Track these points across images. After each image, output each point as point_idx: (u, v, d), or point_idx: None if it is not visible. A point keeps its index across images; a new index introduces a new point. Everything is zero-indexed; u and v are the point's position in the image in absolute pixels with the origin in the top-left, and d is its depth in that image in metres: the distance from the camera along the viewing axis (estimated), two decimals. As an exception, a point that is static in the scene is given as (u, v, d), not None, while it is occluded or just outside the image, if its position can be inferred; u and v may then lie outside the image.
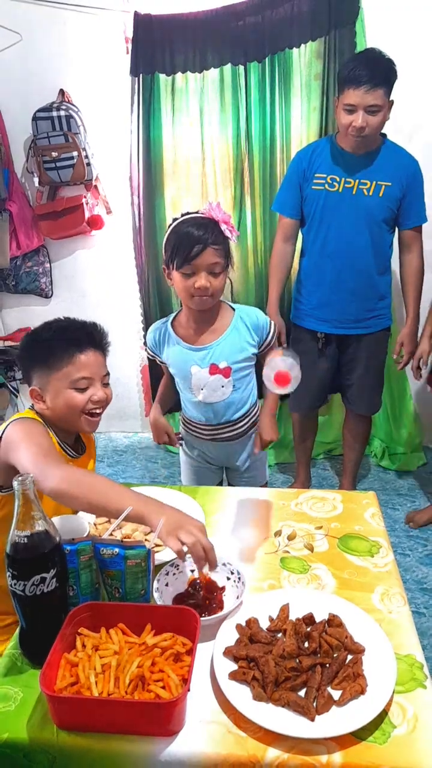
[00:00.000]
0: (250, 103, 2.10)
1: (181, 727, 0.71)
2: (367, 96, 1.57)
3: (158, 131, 2.20)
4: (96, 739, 0.70)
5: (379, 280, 1.83)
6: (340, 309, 1.83)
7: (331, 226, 1.76)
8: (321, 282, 1.83)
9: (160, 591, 0.89)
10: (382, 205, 1.72)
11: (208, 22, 2.03)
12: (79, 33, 2.19)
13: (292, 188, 1.81)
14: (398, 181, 1.70)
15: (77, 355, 1.04)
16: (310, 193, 1.77)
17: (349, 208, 1.73)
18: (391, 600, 0.89)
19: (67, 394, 1.04)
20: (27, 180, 2.39)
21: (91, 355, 1.06)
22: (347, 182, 1.72)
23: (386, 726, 0.70)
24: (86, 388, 1.05)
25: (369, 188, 1.71)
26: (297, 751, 0.68)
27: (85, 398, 1.05)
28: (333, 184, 1.73)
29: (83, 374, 1.05)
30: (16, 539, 0.75)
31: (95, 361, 1.07)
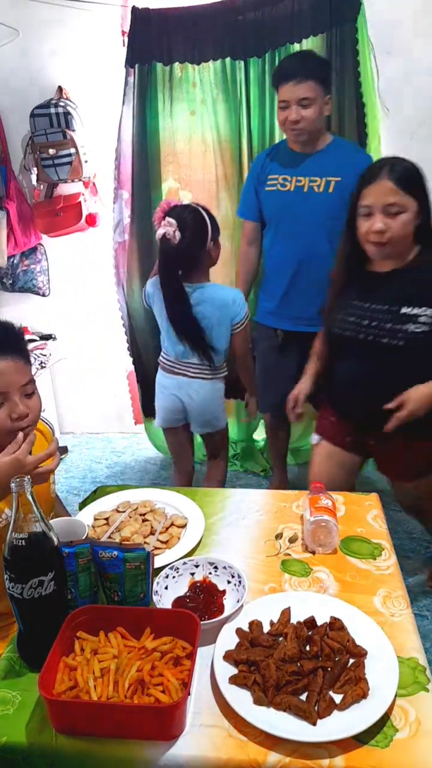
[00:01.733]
0: (250, 96, 2.09)
1: (181, 731, 0.70)
2: (297, 89, 1.61)
3: (154, 122, 2.17)
4: (95, 743, 0.70)
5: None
6: (299, 306, 1.84)
7: (287, 226, 1.79)
8: (280, 280, 1.85)
9: (160, 594, 0.88)
10: (334, 200, 1.71)
11: (206, 17, 2.01)
12: (77, 29, 2.18)
13: (249, 192, 1.86)
14: (347, 175, 1.66)
15: None
16: (265, 194, 1.80)
17: (302, 206, 1.75)
18: (394, 603, 0.89)
19: None
20: (24, 177, 2.38)
21: (2, 366, 0.91)
22: (298, 181, 1.75)
23: (388, 730, 0.70)
24: (1, 404, 0.92)
25: (319, 185, 1.73)
26: (298, 755, 0.67)
27: (2, 417, 0.92)
28: (285, 184, 1.76)
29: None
30: (14, 542, 0.74)
31: (8, 371, 0.92)
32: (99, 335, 2.65)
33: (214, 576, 0.93)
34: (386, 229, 1.24)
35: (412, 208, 1.25)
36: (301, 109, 1.63)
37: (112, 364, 2.68)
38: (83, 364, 2.69)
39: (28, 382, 0.96)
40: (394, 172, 1.24)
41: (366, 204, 1.26)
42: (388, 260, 1.31)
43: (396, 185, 1.23)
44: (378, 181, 1.24)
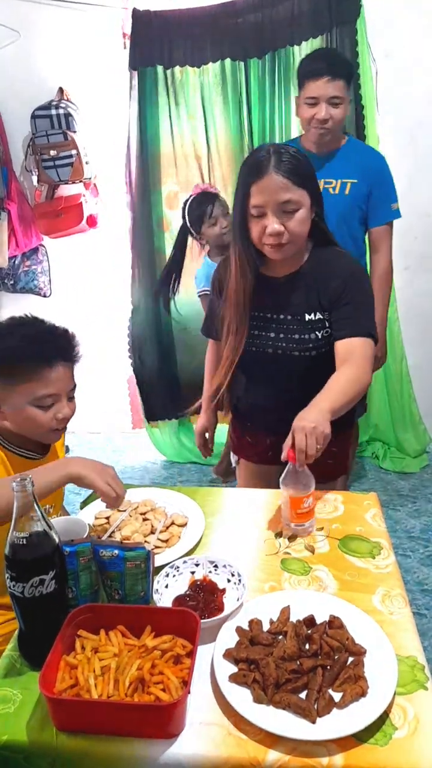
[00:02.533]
0: (250, 99, 2.10)
1: (181, 729, 0.71)
2: (329, 87, 1.56)
3: (155, 124, 2.18)
4: (96, 741, 0.70)
5: None
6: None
7: None
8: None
9: (160, 593, 0.88)
10: (350, 203, 1.68)
11: (206, 19, 2.03)
12: (78, 31, 2.18)
13: None
14: (364, 177, 1.66)
15: (45, 371, 0.95)
16: None
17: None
18: (393, 601, 0.89)
19: (30, 411, 0.96)
20: (26, 179, 2.39)
21: (60, 371, 0.98)
22: None
23: (387, 728, 0.70)
24: (51, 405, 0.98)
25: (335, 187, 1.68)
26: (298, 753, 0.67)
27: (50, 416, 0.98)
28: None
29: (49, 391, 0.96)
30: (15, 540, 0.74)
31: (64, 377, 0.99)
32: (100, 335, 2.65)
33: (214, 574, 0.93)
34: (283, 231, 1.07)
35: (306, 203, 1.08)
36: (330, 108, 1.58)
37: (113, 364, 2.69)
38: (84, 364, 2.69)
39: (73, 387, 1.03)
40: (283, 164, 1.05)
41: (257, 204, 1.07)
42: (284, 264, 1.15)
43: (287, 179, 1.04)
44: (266, 176, 1.04)
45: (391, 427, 2.44)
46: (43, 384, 0.96)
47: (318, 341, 1.18)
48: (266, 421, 1.33)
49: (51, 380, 0.96)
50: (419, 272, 2.31)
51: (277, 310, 1.19)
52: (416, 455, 2.44)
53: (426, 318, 2.37)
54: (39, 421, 0.98)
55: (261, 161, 1.06)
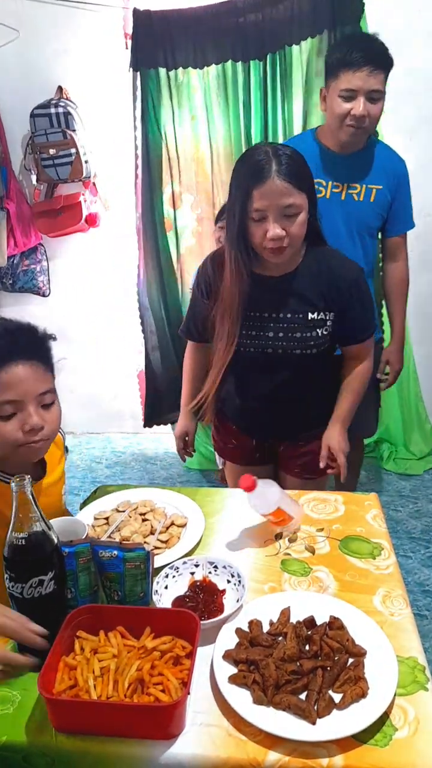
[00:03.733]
0: (251, 99, 2.09)
1: (180, 730, 0.70)
2: (370, 79, 1.36)
3: (158, 126, 2.19)
4: (95, 742, 0.70)
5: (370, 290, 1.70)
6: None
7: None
8: None
9: (160, 594, 0.88)
10: (373, 211, 1.55)
11: (207, 19, 2.02)
12: (77, 29, 2.18)
13: None
14: (388, 183, 1.54)
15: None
16: None
17: (338, 215, 1.53)
18: (393, 602, 0.89)
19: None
20: (25, 178, 2.38)
21: (19, 371, 0.82)
22: (335, 186, 1.52)
23: (387, 729, 0.70)
24: (13, 414, 0.83)
25: (359, 193, 1.52)
26: (298, 754, 0.67)
27: (14, 428, 0.83)
28: (319, 189, 1.52)
29: (6, 398, 0.82)
30: (14, 541, 0.74)
31: (26, 378, 0.83)
32: (100, 335, 2.65)
33: (213, 575, 0.93)
34: (284, 235, 1.07)
35: (305, 206, 1.09)
36: (369, 104, 1.39)
37: (113, 364, 2.69)
38: (84, 364, 2.69)
39: (47, 391, 0.86)
40: (284, 167, 1.04)
41: (258, 208, 1.06)
42: (281, 264, 1.15)
43: (289, 183, 1.04)
44: (268, 181, 1.04)
45: (400, 427, 2.43)
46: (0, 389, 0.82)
47: (319, 339, 1.19)
48: (254, 423, 1.34)
49: (6, 385, 0.82)
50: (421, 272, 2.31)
51: (275, 309, 1.18)
52: (422, 456, 2.44)
53: (428, 317, 2.37)
54: (6, 436, 0.83)
55: (262, 164, 1.04)
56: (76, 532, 0.90)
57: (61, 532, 0.81)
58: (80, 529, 0.92)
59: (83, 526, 0.93)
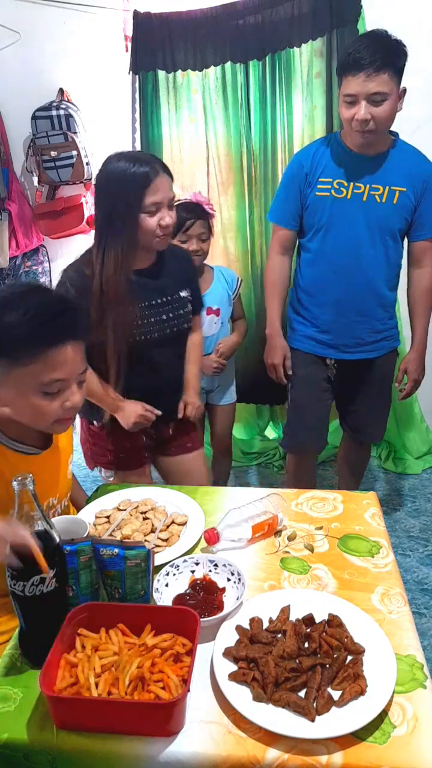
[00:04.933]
0: (251, 101, 2.10)
1: (180, 727, 0.71)
2: (369, 82, 1.34)
3: (158, 129, 2.19)
4: (96, 739, 0.70)
5: (390, 297, 1.62)
6: (348, 331, 1.61)
7: (338, 238, 1.53)
8: (326, 301, 1.60)
9: (160, 591, 0.89)
10: (396, 213, 1.50)
11: (207, 21, 2.03)
12: (78, 32, 2.19)
13: (291, 195, 1.57)
14: (413, 186, 1.48)
15: (51, 352, 0.81)
16: (314, 200, 1.53)
17: (359, 216, 1.50)
18: (392, 600, 0.89)
19: (33, 399, 0.83)
20: (26, 179, 2.39)
21: (69, 352, 0.83)
22: (356, 187, 1.49)
23: (386, 726, 0.70)
24: (58, 392, 0.84)
25: (381, 194, 1.48)
26: (297, 752, 0.68)
27: (57, 405, 0.85)
28: (340, 190, 1.50)
29: (57, 376, 0.83)
30: (16, 539, 0.75)
31: (73, 359, 0.84)
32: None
33: (214, 573, 0.93)
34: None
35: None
36: (371, 107, 1.37)
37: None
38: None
39: (84, 370, 0.88)
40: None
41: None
42: (147, 257, 1.30)
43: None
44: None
45: (395, 427, 2.43)
46: (48, 368, 0.82)
47: (188, 314, 1.38)
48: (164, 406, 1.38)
49: (58, 363, 0.82)
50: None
51: (161, 294, 1.32)
52: (419, 456, 2.44)
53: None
54: (44, 411, 0.85)
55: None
56: (77, 531, 0.91)
57: (63, 531, 0.82)
58: (81, 527, 0.92)
59: (84, 525, 0.93)
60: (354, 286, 1.56)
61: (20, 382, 0.83)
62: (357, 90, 1.37)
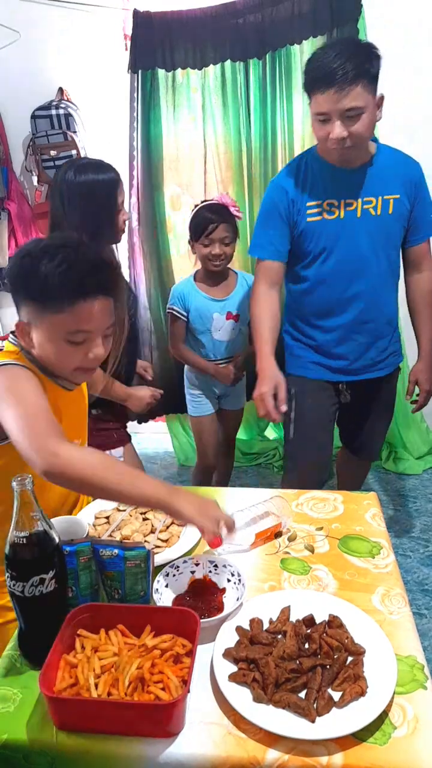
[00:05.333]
0: (250, 100, 2.10)
1: (180, 728, 0.71)
2: (342, 99, 1.21)
3: (158, 128, 2.19)
4: (95, 740, 0.70)
5: (395, 311, 1.54)
6: (359, 354, 1.51)
7: (340, 262, 1.42)
8: (333, 326, 1.49)
9: (160, 592, 0.88)
10: (394, 223, 1.41)
11: (207, 20, 2.02)
12: (78, 31, 2.18)
13: (275, 225, 1.43)
14: (405, 190, 1.41)
15: (79, 304, 0.85)
16: (307, 227, 1.41)
17: (357, 235, 1.40)
18: (392, 601, 0.89)
19: (59, 345, 0.88)
20: (26, 179, 2.39)
21: (96, 305, 0.87)
22: (348, 204, 1.38)
23: (387, 727, 0.70)
24: (83, 342, 0.88)
25: (375, 206, 1.39)
26: (297, 753, 0.67)
27: (80, 355, 0.89)
28: (332, 211, 1.39)
29: (83, 327, 0.87)
30: (15, 539, 0.74)
31: (100, 312, 0.88)
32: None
33: (214, 574, 0.93)
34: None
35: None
36: (348, 123, 1.25)
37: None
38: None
39: (111, 324, 0.92)
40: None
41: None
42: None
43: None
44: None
45: (396, 428, 2.43)
46: (75, 318, 0.86)
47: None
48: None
49: (84, 315, 0.86)
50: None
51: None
52: (420, 456, 2.44)
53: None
54: (68, 358, 0.89)
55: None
56: (76, 531, 0.90)
57: (62, 531, 0.81)
58: (81, 528, 0.92)
59: (84, 525, 0.93)
60: (362, 308, 1.46)
61: (49, 328, 0.88)
62: (328, 108, 1.24)
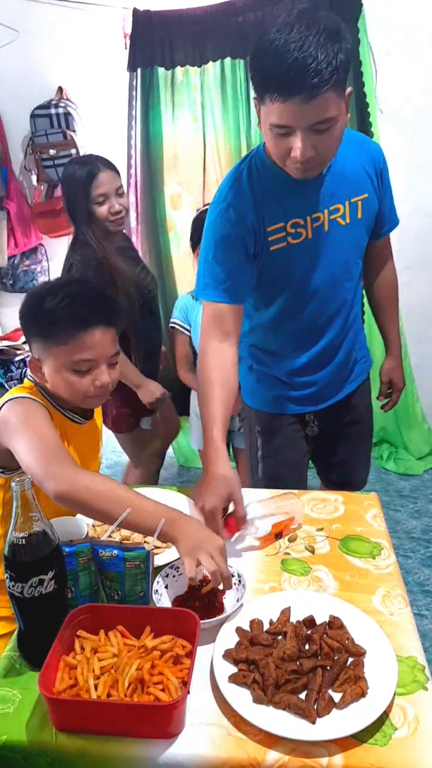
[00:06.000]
0: (250, 97, 2.10)
1: (180, 729, 0.71)
2: (309, 109, 0.89)
3: (158, 126, 2.19)
4: (95, 741, 0.70)
5: (359, 316, 1.34)
6: (330, 379, 1.28)
7: (310, 289, 1.16)
8: (302, 357, 1.25)
9: (160, 593, 0.88)
10: (363, 228, 1.17)
11: (207, 18, 2.03)
12: (77, 30, 2.18)
13: (234, 259, 1.10)
14: (371, 183, 1.14)
15: (81, 334, 0.93)
16: (268, 257, 1.11)
17: (328, 254, 1.13)
18: (393, 602, 0.89)
19: (67, 375, 0.96)
20: (25, 178, 2.39)
21: (98, 334, 0.95)
22: (315, 219, 1.10)
23: (387, 728, 0.70)
24: (88, 371, 0.96)
25: (343, 214, 1.12)
26: (297, 754, 0.67)
27: (87, 383, 0.96)
28: (298, 233, 1.10)
29: (86, 356, 0.95)
30: (15, 540, 0.74)
31: (102, 341, 0.96)
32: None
33: (213, 575, 0.93)
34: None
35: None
36: (316, 136, 0.93)
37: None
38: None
39: (115, 353, 1.00)
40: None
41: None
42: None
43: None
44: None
45: (396, 428, 2.43)
46: (79, 348, 0.94)
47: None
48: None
49: (87, 344, 0.94)
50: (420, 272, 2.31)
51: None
52: (421, 456, 2.43)
53: (427, 317, 2.37)
54: (76, 387, 0.97)
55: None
56: (76, 532, 0.90)
57: (62, 532, 0.81)
58: (80, 528, 0.92)
59: (83, 526, 0.93)
60: (336, 332, 1.24)
61: (56, 360, 0.96)
62: (291, 121, 0.91)
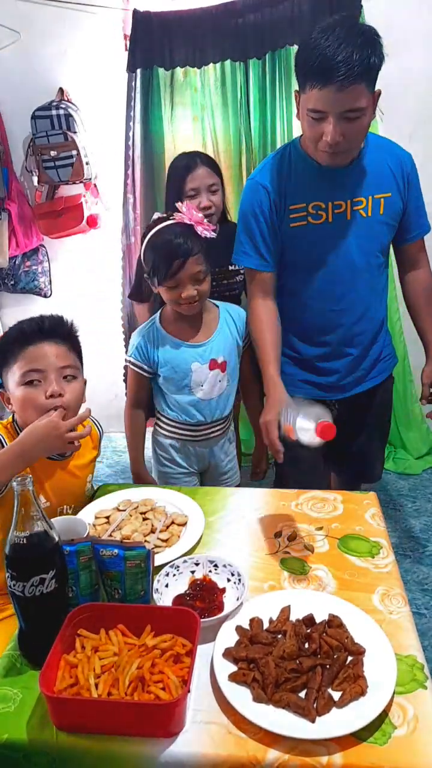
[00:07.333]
0: (250, 99, 2.10)
1: (181, 728, 0.71)
2: (342, 97, 1.04)
3: (157, 127, 2.19)
4: (95, 740, 0.70)
5: (384, 314, 1.40)
6: (350, 367, 1.36)
7: (329, 272, 1.26)
8: (323, 342, 1.33)
9: (160, 592, 0.89)
10: (385, 224, 1.26)
11: (207, 19, 2.03)
12: (78, 31, 2.19)
13: (260, 231, 1.24)
14: (397, 186, 1.25)
15: (26, 348, 1.00)
16: (289, 233, 1.24)
17: (347, 241, 1.23)
18: (392, 601, 0.89)
19: (21, 390, 0.99)
20: (26, 179, 2.39)
21: (44, 347, 1.01)
22: (336, 206, 1.21)
23: (386, 727, 0.70)
24: (39, 382, 0.99)
25: (366, 207, 1.22)
26: (297, 752, 0.68)
27: (38, 393, 0.98)
28: (318, 214, 1.21)
29: (32, 366, 0.99)
30: (16, 540, 0.75)
31: (49, 354, 1.01)
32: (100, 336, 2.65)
33: (214, 574, 0.93)
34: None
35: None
36: (345, 124, 1.08)
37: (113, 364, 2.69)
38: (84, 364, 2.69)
39: (67, 366, 1.03)
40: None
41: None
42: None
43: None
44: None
45: (395, 428, 2.43)
46: (25, 361, 1.00)
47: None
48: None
49: (32, 356, 1.00)
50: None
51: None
52: (419, 456, 2.44)
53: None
54: (32, 400, 0.99)
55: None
56: (77, 531, 0.90)
57: (62, 531, 0.81)
58: (81, 527, 0.92)
59: (84, 525, 0.93)
60: (354, 320, 1.32)
61: (12, 381, 1.02)
62: (326, 107, 1.06)
